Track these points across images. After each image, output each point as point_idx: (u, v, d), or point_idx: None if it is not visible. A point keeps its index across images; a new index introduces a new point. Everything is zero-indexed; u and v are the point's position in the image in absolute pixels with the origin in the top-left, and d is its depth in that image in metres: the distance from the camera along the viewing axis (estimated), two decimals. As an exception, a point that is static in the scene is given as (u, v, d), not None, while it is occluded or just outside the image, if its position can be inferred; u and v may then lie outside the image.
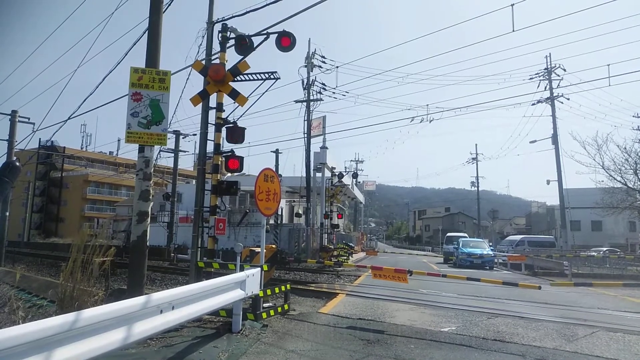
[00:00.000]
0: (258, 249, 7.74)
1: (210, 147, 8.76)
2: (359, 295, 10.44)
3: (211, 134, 8.72)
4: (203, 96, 8.33)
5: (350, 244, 28.66)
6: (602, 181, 22.48)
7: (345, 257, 21.40)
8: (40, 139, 46.37)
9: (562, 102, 26.67)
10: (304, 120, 25.19)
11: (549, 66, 26.89)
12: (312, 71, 25.40)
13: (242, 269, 6.27)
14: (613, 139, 31.70)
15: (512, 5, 14.24)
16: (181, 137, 27.93)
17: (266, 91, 9.44)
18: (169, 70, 7.18)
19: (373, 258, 29.19)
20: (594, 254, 22.93)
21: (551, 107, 26.47)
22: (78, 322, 2.87)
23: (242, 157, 8.53)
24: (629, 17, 19.57)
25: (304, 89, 25.36)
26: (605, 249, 28.42)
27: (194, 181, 39.63)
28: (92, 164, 60.90)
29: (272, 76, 9.04)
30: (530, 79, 27.48)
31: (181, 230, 28.63)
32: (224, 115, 8.49)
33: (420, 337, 6.03)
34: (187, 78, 10.03)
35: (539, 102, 26.70)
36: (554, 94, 26.55)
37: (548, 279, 16.26)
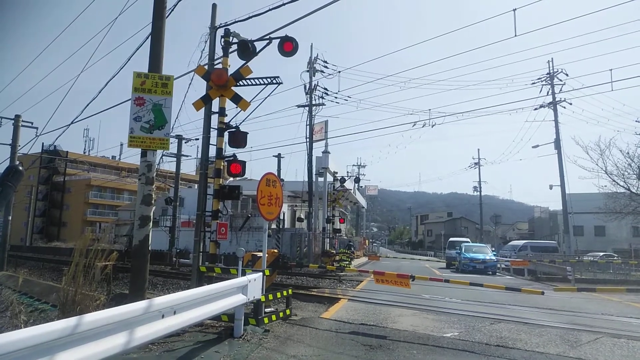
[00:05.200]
0: (260, 254, 7.72)
1: (212, 151, 8.81)
2: (361, 300, 10.40)
3: (213, 139, 8.76)
4: (205, 101, 8.37)
5: (351, 243, 28.71)
6: (605, 186, 22.44)
7: (347, 262, 21.37)
8: (43, 143, 46.82)
9: (564, 107, 26.68)
10: (306, 125, 25.28)
11: (551, 71, 26.91)
12: (314, 76, 25.50)
13: (244, 274, 6.26)
14: (616, 143, 31.42)
15: (514, 10, 14.29)
16: (184, 141, 28.06)
17: (268, 96, 9.49)
18: (172, 75, 7.23)
19: (375, 263, 29.12)
20: (591, 258, 22.85)
21: (553, 112, 26.44)
22: (80, 327, 2.87)
23: (244, 162, 8.56)
24: (632, 22, 19.60)
25: (306, 93, 25.47)
26: (602, 253, 28.28)
27: (196, 185, 39.69)
28: (95, 169, 61.17)
29: (274, 81, 9.07)
30: (533, 83, 27.52)
31: (183, 235, 28.65)
32: (226, 119, 8.52)
33: (422, 343, 5.99)
34: (190, 83, 10.14)
35: (541, 107, 26.70)
36: (557, 99, 26.54)
37: (551, 284, 16.17)
